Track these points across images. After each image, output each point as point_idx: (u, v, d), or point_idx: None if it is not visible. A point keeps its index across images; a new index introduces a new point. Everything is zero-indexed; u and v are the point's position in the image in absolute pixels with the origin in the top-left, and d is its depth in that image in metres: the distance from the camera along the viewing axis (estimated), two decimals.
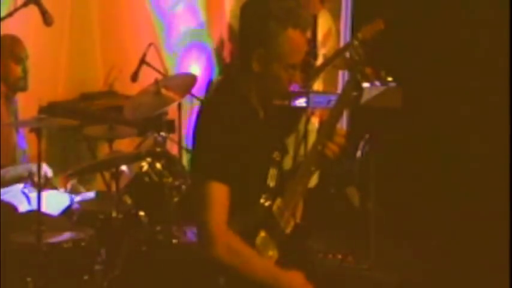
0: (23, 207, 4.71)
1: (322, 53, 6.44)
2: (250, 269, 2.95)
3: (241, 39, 3.06)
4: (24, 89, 5.01)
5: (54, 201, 4.79)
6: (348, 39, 7.38)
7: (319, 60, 6.37)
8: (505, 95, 6.24)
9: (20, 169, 4.73)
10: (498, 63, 6.33)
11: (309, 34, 3.08)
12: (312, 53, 6.12)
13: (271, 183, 3.09)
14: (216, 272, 3.01)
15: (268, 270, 2.98)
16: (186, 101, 6.12)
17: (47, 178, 4.69)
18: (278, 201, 3.08)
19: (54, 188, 4.91)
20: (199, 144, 3.01)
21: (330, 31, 6.53)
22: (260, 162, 3.07)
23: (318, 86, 6.41)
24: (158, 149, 5.00)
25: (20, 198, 4.74)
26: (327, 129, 3.12)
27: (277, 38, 2.97)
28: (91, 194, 5.06)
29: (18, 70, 4.92)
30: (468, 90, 6.54)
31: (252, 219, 3.00)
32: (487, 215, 6.09)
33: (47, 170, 4.73)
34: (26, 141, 5.04)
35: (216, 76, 7.09)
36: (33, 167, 4.68)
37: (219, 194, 2.91)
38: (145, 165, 4.90)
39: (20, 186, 4.80)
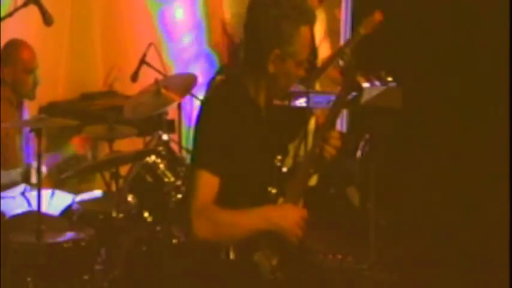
0: (23, 209, 4.70)
1: (320, 51, 6.46)
2: (238, 229, 2.96)
3: (253, 41, 3.06)
4: (32, 98, 5.01)
5: (55, 201, 4.79)
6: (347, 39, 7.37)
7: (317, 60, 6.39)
8: (505, 94, 6.24)
9: (13, 174, 4.71)
10: (498, 63, 6.33)
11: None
12: (313, 52, 6.13)
13: (273, 183, 3.11)
14: (215, 271, 3.02)
15: (258, 217, 2.98)
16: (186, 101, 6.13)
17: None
18: (280, 201, 3.10)
19: (54, 187, 4.91)
20: (199, 138, 3.04)
21: (325, 31, 6.54)
22: (262, 162, 3.08)
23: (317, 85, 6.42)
24: (160, 148, 5.00)
25: (20, 201, 4.74)
26: (323, 132, 3.14)
27: (292, 38, 3.01)
28: (97, 193, 5.05)
29: (29, 80, 4.91)
30: (468, 90, 6.54)
31: None
32: (487, 215, 6.09)
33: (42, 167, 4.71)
34: (32, 145, 5.03)
35: (215, 75, 7.08)
36: (25, 168, 4.68)
37: (206, 182, 2.94)
38: (149, 161, 4.91)
39: (20, 189, 4.79)
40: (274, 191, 3.09)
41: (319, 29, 6.43)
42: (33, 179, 4.62)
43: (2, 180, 4.66)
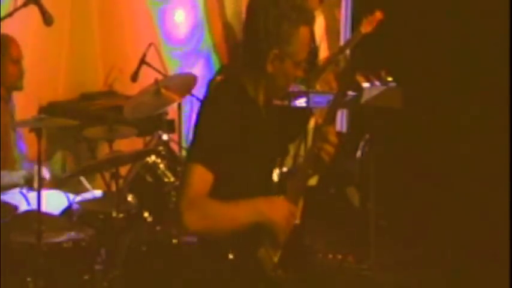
0: (22, 207, 4.71)
1: (320, 51, 6.47)
2: (228, 221, 2.95)
3: (252, 41, 3.06)
4: (20, 88, 5.00)
5: (54, 201, 4.79)
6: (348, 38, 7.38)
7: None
8: (505, 94, 6.24)
9: (15, 176, 4.71)
10: (498, 63, 6.32)
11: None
12: (313, 52, 6.14)
13: (274, 182, 3.11)
14: (216, 268, 3.02)
15: (248, 209, 2.98)
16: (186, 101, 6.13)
17: (44, 179, 4.67)
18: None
19: (54, 188, 4.91)
20: (197, 135, 3.04)
21: (325, 31, 6.56)
22: (262, 161, 3.09)
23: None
24: (160, 148, 5.00)
25: (19, 199, 4.74)
26: (321, 133, 3.14)
27: (291, 38, 3.00)
28: (97, 193, 5.05)
29: (15, 70, 4.91)
30: (468, 90, 6.54)
31: None
32: (487, 215, 6.09)
33: (45, 171, 4.71)
34: (25, 144, 5.03)
35: (215, 75, 7.09)
36: (28, 172, 4.68)
37: (200, 176, 2.93)
38: (149, 161, 4.91)
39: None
40: (274, 186, 3.10)
41: (319, 29, 6.44)
42: (36, 184, 4.62)
43: (3, 180, 4.66)
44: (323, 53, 6.48)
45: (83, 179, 5.04)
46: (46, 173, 4.73)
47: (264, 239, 3.02)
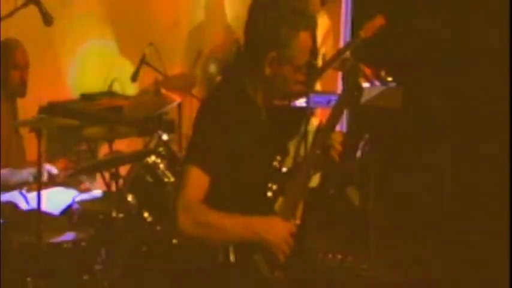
0: (22, 207, 4.71)
1: (321, 53, 6.45)
2: (222, 235, 2.95)
3: (251, 42, 3.06)
4: (22, 95, 4.99)
5: (56, 199, 4.80)
6: (348, 39, 7.38)
7: (318, 61, 6.38)
8: (505, 94, 6.24)
9: (25, 174, 4.71)
10: (498, 63, 6.33)
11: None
12: (314, 53, 6.12)
13: (273, 183, 3.11)
14: (215, 270, 3.02)
15: (244, 227, 2.97)
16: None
17: (51, 175, 4.68)
18: (280, 200, 3.10)
19: (59, 185, 4.90)
20: (194, 136, 3.05)
21: (328, 32, 6.54)
22: (261, 162, 3.08)
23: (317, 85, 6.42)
24: (160, 148, 5.00)
25: (18, 198, 4.74)
26: (324, 136, 3.14)
27: (290, 42, 2.99)
28: (97, 193, 5.05)
29: (17, 76, 4.90)
30: (468, 90, 6.54)
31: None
32: (487, 215, 6.09)
33: (50, 168, 4.72)
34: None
35: (215, 76, 7.09)
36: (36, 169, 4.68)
37: (196, 178, 2.94)
38: (149, 161, 4.91)
39: None
40: (274, 187, 3.09)
41: (321, 30, 6.43)
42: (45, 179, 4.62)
43: (13, 179, 4.66)
44: (327, 54, 6.45)
45: (85, 178, 5.05)
46: (52, 169, 4.73)
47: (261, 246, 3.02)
